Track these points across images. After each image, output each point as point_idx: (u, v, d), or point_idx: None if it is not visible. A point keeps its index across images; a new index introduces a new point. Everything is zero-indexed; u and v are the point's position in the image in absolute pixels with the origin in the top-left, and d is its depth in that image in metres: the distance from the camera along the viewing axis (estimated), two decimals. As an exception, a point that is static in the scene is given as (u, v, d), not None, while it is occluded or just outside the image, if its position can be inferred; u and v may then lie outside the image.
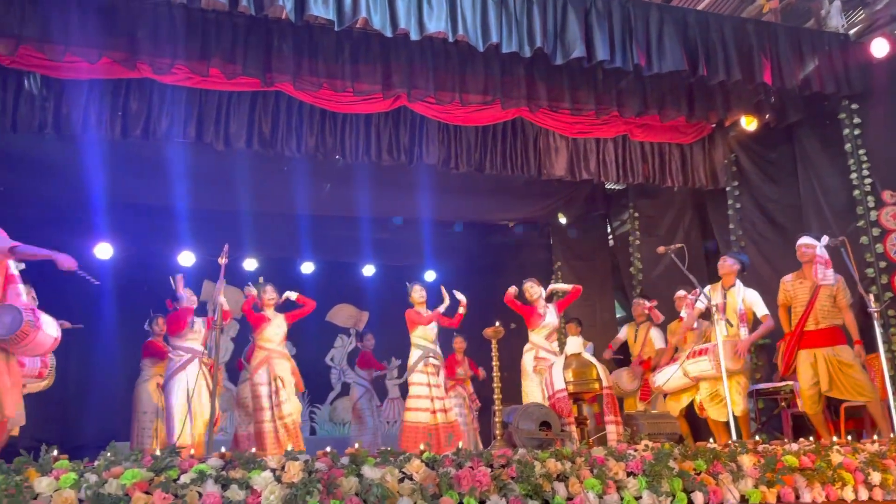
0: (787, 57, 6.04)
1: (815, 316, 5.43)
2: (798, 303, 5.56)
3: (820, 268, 5.37)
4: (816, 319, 5.42)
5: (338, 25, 4.85)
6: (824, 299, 5.40)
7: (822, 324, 5.39)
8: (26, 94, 5.95)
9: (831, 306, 5.38)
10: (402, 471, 2.87)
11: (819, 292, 5.43)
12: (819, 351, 5.36)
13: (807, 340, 5.46)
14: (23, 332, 3.85)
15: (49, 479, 2.42)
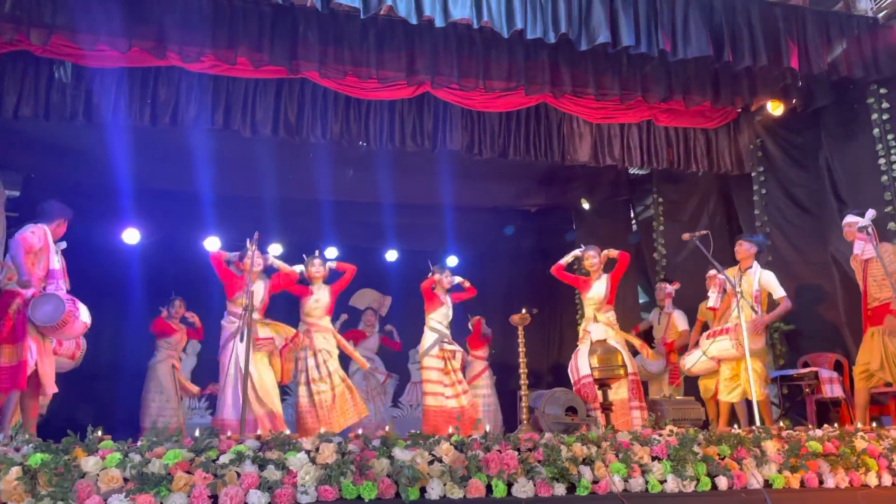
0: (815, 41, 5.96)
1: (870, 293, 5.43)
2: (859, 280, 5.56)
3: (859, 243, 5.37)
4: (872, 296, 5.42)
5: (363, 13, 4.89)
6: (875, 273, 5.38)
7: (878, 300, 5.37)
8: (57, 83, 6.08)
9: (882, 281, 5.30)
10: (431, 453, 2.94)
11: (868, 268, 5.40)
12: (877, 329, 5.36)
13: (871, 318, 5.46)
14: (63, 320, 4.09)
15: (95, 458, 2.53)
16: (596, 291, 6.12)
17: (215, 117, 6.29)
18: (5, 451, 2.53)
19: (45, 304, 4.19)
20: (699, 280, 7.00)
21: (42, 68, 6.00)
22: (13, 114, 5.95)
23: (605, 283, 6.17)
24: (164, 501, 2.53)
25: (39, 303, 4.17)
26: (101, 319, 8.74)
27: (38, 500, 2.41)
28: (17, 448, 2.59)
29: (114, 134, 6.79)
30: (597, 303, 6.11)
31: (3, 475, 2.38)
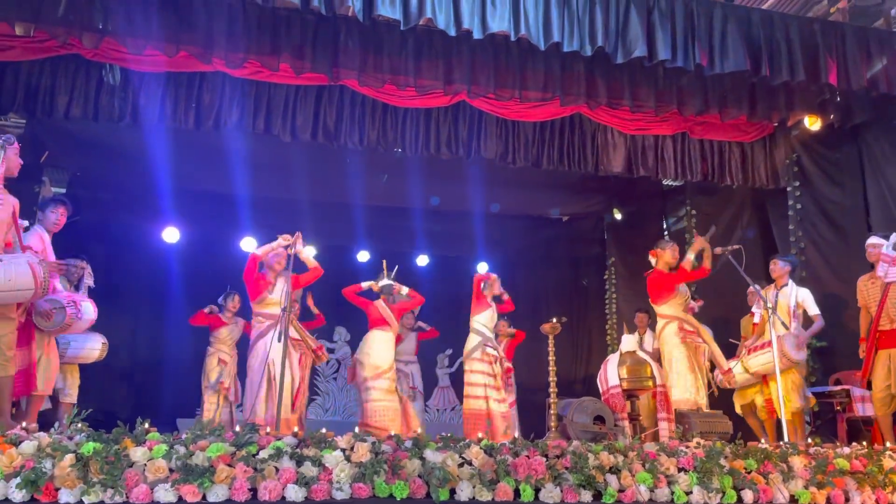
0: (855, 57, 5.92)
1: (887, 314, 5.39)
2: (872, 302, 5.53)
3: (883, 265, 5.33)
4: (889, 318, 5.38)
5: (403, 25, 4.98)
6: (895, 297, 5.35)
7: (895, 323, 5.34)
8: (106, 86, 6.32)
9: None
10: (462, 456, 3.02)
11: (889, 291, 5.38)
12: (892, 351, 5.32)
13: (883, 341, 5.42)
14: (66, 324, 4.26)
15: (143, 448, 2.66)
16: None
17: (256, 122, 6.48)
18: (60, 440, 2.67)
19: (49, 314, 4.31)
20: (728, 294, 6.97)
21: (92, 71, 6.25)
22: (64, 114, 6.20)
23: None
24: (207, 492, 2.65)
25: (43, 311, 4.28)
26: (140, 314, 9.08)
27: (89, 487, 2.54)
28: (70, 436, 2.73)
29: (155, 135, 7.00)
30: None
31: (57, 462, 2.52)
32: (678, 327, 5.70)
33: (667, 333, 5.76)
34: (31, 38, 5.46)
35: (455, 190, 8.70)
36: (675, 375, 5.49)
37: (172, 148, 7.23)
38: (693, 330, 5.69)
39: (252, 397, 5.34)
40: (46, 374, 4.40)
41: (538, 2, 5.23)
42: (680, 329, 5.68)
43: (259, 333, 5.59)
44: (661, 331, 5.83)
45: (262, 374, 5.33)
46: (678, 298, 5.86)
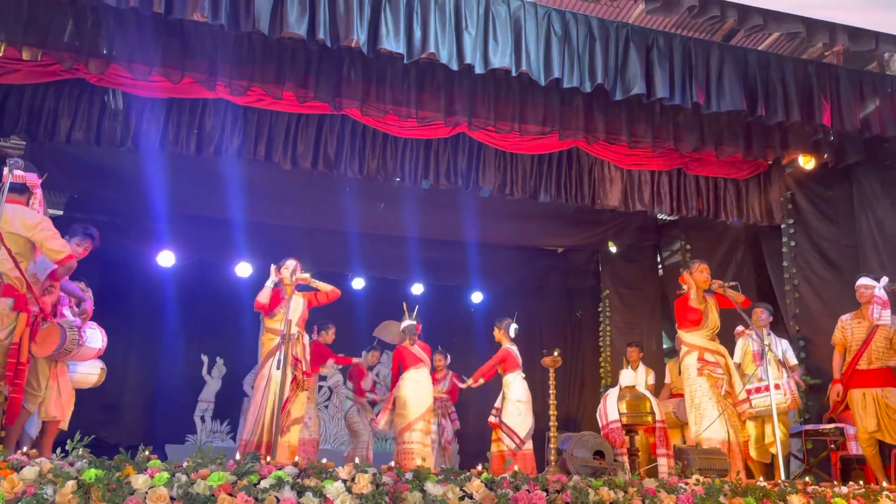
0: (848, 99, 6.03)
1: (868, 356, 5.45)
2: (854, 342, 5.59)
3: (877, 308, 5.40)
4: (870, 359, 5.45)
5: (407, 59, 5.05)
6: (880, 340, 5.44)
7: (875, 364, 5.42)
8: (109, 111, 6.36)
9: (886, 348, 5.41)
10: (462, 489, 3.01)
11: (875, 333, 5.45)
12: (869, 390, 5.39)
13: (858, 379, 5.49)
14: (66, 349, 4.22)
15: (145, 476, 2.64)
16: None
17: (258, 149, 6.52)
18: (61, 466, 2.65)
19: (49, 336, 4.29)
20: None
21: (95, 96, 6.29)
22: (66, 138, 6.22)
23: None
24: (207, 522, 2.62)
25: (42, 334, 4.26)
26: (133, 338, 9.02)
27: (88, 514, 2.52)
28: (71, 463, 2.71)
29: (153, 159, 7.02)
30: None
31: (59, 488, 2.49)
32: (698, 357, 5.47)
33: (687, 363, 5.56)
34: (36, 62, 5.50)
35: (451, 220, 8.74)
36: (694, 412, 5.37)
37: (170, 172, 7.27)
38: (715, 361, 5.46)
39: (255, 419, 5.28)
40: (59, 401, 4.36)
41: (539, 39, 5.32)
42: (699, 359, 5.46)
43: (269, 352, 5.49)
44: (682, 359, 5.66)
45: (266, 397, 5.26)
46: (704, 329, 5.57)
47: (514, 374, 6.73)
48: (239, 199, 7.80)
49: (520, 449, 6.36)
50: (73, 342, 4.26)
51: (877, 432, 5.30)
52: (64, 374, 4.52)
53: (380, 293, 10.22)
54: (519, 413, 6.52)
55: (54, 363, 4.44)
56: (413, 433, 6.52)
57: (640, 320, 9.59)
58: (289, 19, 4.74)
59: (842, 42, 5.50)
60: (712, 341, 5.58)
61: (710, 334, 5.59)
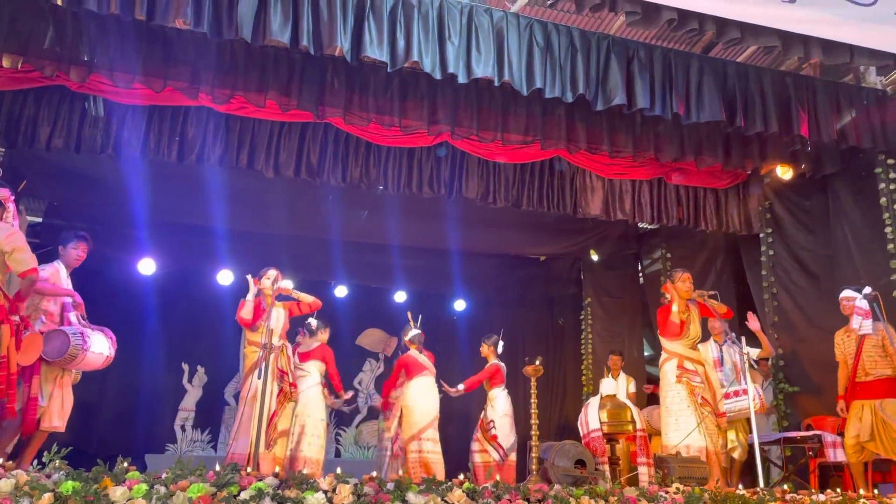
0: (825, 110, 6.13)
1: (862, 367, 5.50)
2: (848, 356, 5.64)
3: (857, 318, 5.46)
4: (865, 370, 5.49)
5: (390, 67, 5.06)
6: (870, 349, 5.47)
7: (871, 375, 5.46)
8: (90, 118, 6.31)
9: (879, 357, 5.42)
10: (444, 499, 3.01)
11: (864, 343, 5.50)
12: (868, 402, 5.44)
13: (859, 392, 5.54)
14: (70, 354, 4.20)
15: (123, 488, 2.61)
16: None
17: (240, 157, 6.51)
18: (38, 478, 2.62)
19: (51, 341, 4.30)
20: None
21: (76, 103, 6.24)
22: (46, 145, 6.16)
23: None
24: (185, 534, 2.60)
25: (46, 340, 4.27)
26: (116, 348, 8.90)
27: (66, 527, 2.49)
28: (48, 475, 2.68)
29: (134, 167, 6.97)
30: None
31: (35, 501, 2.47)
32: (678, 365, 5.53)
33: (666, 370, 5.61)
34: (16, 70, 5.45)
35: (434, 228, 8.75)
36: (669, 418, 5.40)
37: (151, 180, 7.20)
38: (694, 370, 5.51)
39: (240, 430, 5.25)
40: (61, 412, 4.35)
41: (522, 49, 5.36)
42: (679, 367, 5.51)
43: (253, 364, 5.42)
44: (662, 365, 5.70)
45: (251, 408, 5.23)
46: (685, 339, 5.63)
47: (500, 389, 6.82)
48: (221, 207, 7.75)
49: (504, 461, 6.40)
50: (78, 347, 4.26)
51: (870, 443, 5.35)
52: (68, 385, 4.52)
53: (363, 301, 10.23)
54: (505, 427, 6.60)
55: (60, 373, 4.42)
56: (425, 442, 6.49)
57: (621, 328, 9.65)
58: (272, 27, 4.73)
59: (817, 55, 5.59)
60: (693, 350, 5.63)
61: (691, 343, 5.64)
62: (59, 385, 4.44)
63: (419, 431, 6.53)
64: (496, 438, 6.54)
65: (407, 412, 6.61)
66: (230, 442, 5.39)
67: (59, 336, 4.34)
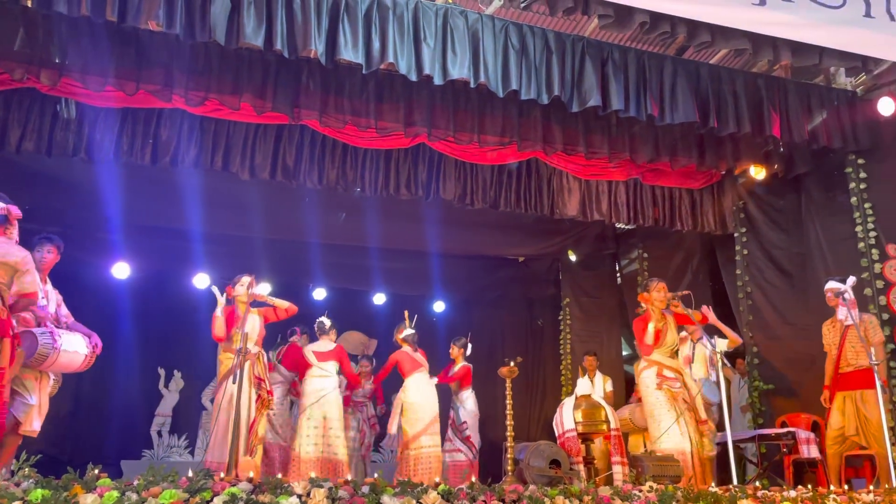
0: (796, 111, 6.23)
1: (845, 358, 5.58)
2: (832, 346, 5.72)
3: (842, 309, 5.53)
4: (847, 361, 5.57)
5: (366, 69, 5.06)
6: (854, 340, 5.54)
7: (852, 365, 5.53)
8: (61, 121, 6.22)
9: (861, 347, 5.47)
10: (419, 501, 3.01)
11: (847, 334, 5.58)
12: (849, 394, 5.52)
13: (842, 383, 5.62)
14: (40, 354, 4.14)
15: (93, 496, 2.58)
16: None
17: (215, 159, 6.46)
18: (7, 486, 2.59)
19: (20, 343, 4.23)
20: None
21: (47, 106, 6.15)
22: (16, 149, 6.07)
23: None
24: (158, 541, 2.58)
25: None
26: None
27: (35, 536, 2.46)
28: (17, 483, 2.65)
29: (108, 170, 6.89)
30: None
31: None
32: (657, 373, 5.54)
33: (645, 377, 5.62)
34: (-15, 72, 5.37)
35: (412, 230, 8.76)
36: (652, 423, 5.43)
37: (126, 183, 7.12)
38: (674, 377, 5.54)
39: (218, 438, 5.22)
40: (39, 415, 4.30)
41: (497, 51, 5.38)
42: (658, 374, 5.53)
43: (229, 371, 5.35)
44: (640, 373, 5.72)
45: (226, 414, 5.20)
46: (662, 348, 5.64)
47: (470, 391, 6.97)
48: (196, 210, 7.68)
49: (476, 460, 6.44)
50: (48, 347, 4.18)
51: (855, 435, 5.42)
52: (45, 389, 4.44)
53: (341, 304, 10.17)
54: (475, 427, 6.82)
55: (38, 375, 4.34)
56: (431, 437, 6.56)
57: (599, 328, 9.71)
58: (245, 30, 4.71)
59: (787, 57, 5.68)
60: (671, 359, 5.67)
61: (669, 352, 5.68)
62: (39, 388, 4.36)
63: (425, 428, 6.57)
64: (470, 438, 6.60)
65: (409, 410, 6.63)
66: (207, 449, 5.35)
67: (27, 337, 4.27)
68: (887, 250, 6.23)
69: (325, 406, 6.34)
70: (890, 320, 6.04)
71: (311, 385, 6.48)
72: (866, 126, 6.46)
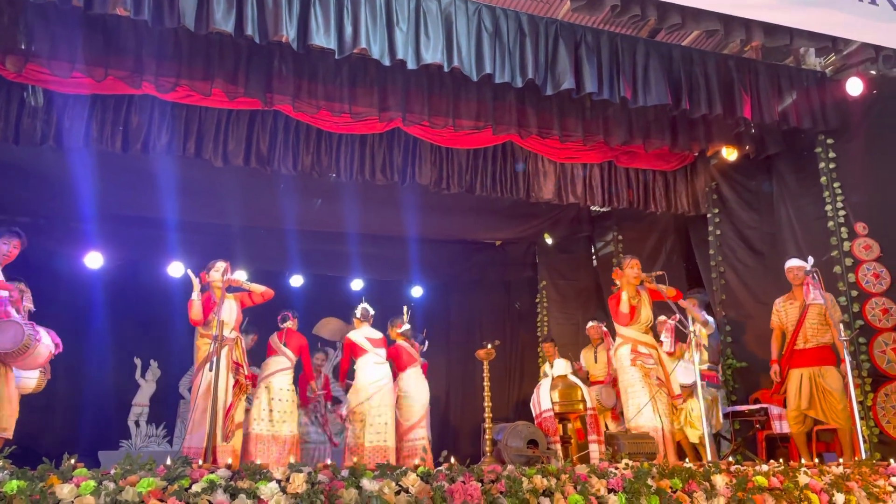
0: (767, 92, 6.29)
1: (804, 335, 5.69)
2: (789, 322, 5.83)
3: (811, 288, 5.64)
4: (805, 338, 5.68)
5: (338, 54, 5.02)
6: (813, 317, 5.67)
7: (811, 342, 5.65)
8: (29, 108, 6.10)
9: (820, 324, 5.62)
10: (398, 484, 3.04)
11: (808, 311, 5.69)
12: (806, 370, 5.63)
13: (797, 359, 5.73)
14: (25, 345, 4.07)
15: (70, 485, 2.57)
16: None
17: (187, 146, 6.37)
18: (-20, 478, 2.57)
19: (3, 332, 4.16)
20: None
21: (14, 93, 6.02)
22: (-18, 137, 5.95)
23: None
24: (136, 529, 2.58)
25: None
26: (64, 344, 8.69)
27: (11, 527, 2.44)
28: (-9, 475, 2.63)
29: (78, 158, 6.79)
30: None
31: (-22, 502, 2.42)
32: (631, 349, 5.61)
33: (620, 354, 5.70)
34: (-54, 59, 5.25)
35: (389, 215, 8.74)
36: (627, 400, 5.50)
37: (97, 171, 7.02)
38: (648, 353, 5.61)
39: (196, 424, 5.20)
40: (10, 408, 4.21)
41: (470, 34, 5.37)
42: (633, 351, 5.60)
43: (206, 357, 5.34)
44: (616, 350, 5.80)
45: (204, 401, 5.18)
46: (637, 324, 5.71)
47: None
48: (170, 198, 7.60)
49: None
50: (31, 338, 4.12)
51: (809, 410, 5.54)
52: (11, 382, 4.36)
53: (318, 290, 10.16)
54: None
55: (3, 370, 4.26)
56: (421, 429, 6.60)
57: (576, 310, 9.80)
58: (215, 15, 4.65)
59: (758, 38, 5.72)
60: (645, 334, 5.74)
61: (644, 328, 5.75)
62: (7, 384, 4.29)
63: (419, 420, 6.63)
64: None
65: (406, 401, 6.67)
66: (186, 436, 5.34)
67: (11, 326, 4.18)
68: (856, 229, 6.34)
69: (384, 395, 6.36)
70: (859, 297, 6.16)
71: (370, 374, 6.44)
72: (835, 106, 6.54)
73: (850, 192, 6.46)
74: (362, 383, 6.39)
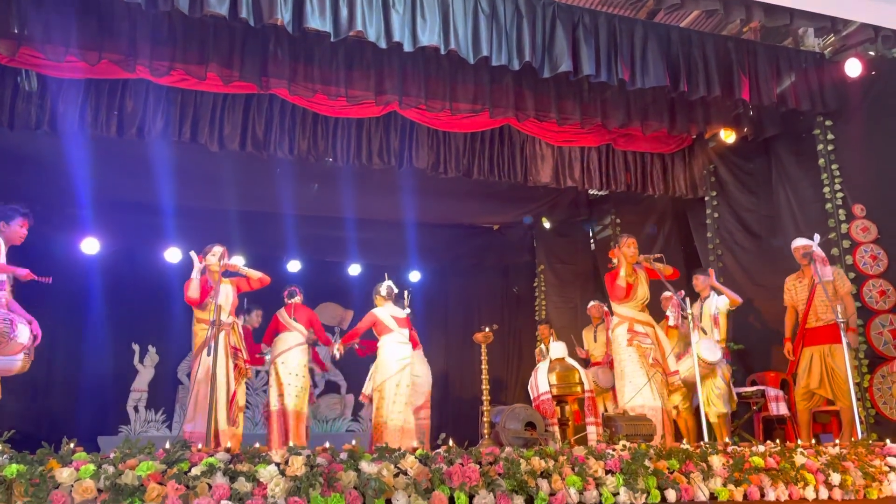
0: (765, 74, 6.25)
1: (814, 312, 5.70)
2: (800, 301, 5.84)
3: (819, 266, 5.64)
4: (816, 315, 5.70)
5: (334, 37, 4.99)
6: (822, 296, 5.65)
7: (822, 320, 5.65)
8: (23, 93, 6.06)
9: (829, 300, 5.56)
10: (397, 466, 3.05)
11: (816, 289, 5.69)
12: (817, 349, 5.65)
13: (809, 338, 5.74)
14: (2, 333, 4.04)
15: (70, 469, 2.58)
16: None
17: (183, 130, 6.34)
18: (-20, 463, 2.57)
19: None
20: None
21: (7, 78, 5.98)
22: (-25, 123, 5.91)
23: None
24: (136, 512, 2.59)
25: None
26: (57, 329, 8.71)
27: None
28: (-10, 459, 2.63)
29: (74, 143, 6.74)
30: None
31: (-23, 486, 2.42)
32: (628, 328, 5.60)
33: (617, 334, 5.69)
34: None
35: (386, 199, 8.71)
36: (623, 380, 5.49)
37: (93, 156, 6.99)
38: (644, 332, 5.60)
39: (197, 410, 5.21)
40: None
41: (467, 17, 5.32)
42: (629, 330, 5.59)
43: (203, 342, 5.33)
44: (613, 329, 5.79)
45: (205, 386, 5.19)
46: (634, 301, 5.70)
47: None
48: (167, 183, 7.57)
49: None
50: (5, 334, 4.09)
51: (819, 389, 5.57)
52: None
53: (316, 276, 10.14)
54: None
55: None
56: (428, 410, 6.77)
57: (574, 293, 9.82)
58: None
59: (758, 18, 5.68)
60: (642, 312, 5.74)
61: (640, 306, 5.75)
62: None
63: (426, 401, 6.77)
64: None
65: (414, 384, 6.71)
66: (185, 422, 5.34)
67: None
68: (854, 210, 6.33)
69: (405, 375, 6.43)
70: (856, 279, 6.17)
71: (394, 352, 6.48)
72: (834, 88, 6.51)
73: (849, 174, 6.45)
74: (388, 360, 6.44)
